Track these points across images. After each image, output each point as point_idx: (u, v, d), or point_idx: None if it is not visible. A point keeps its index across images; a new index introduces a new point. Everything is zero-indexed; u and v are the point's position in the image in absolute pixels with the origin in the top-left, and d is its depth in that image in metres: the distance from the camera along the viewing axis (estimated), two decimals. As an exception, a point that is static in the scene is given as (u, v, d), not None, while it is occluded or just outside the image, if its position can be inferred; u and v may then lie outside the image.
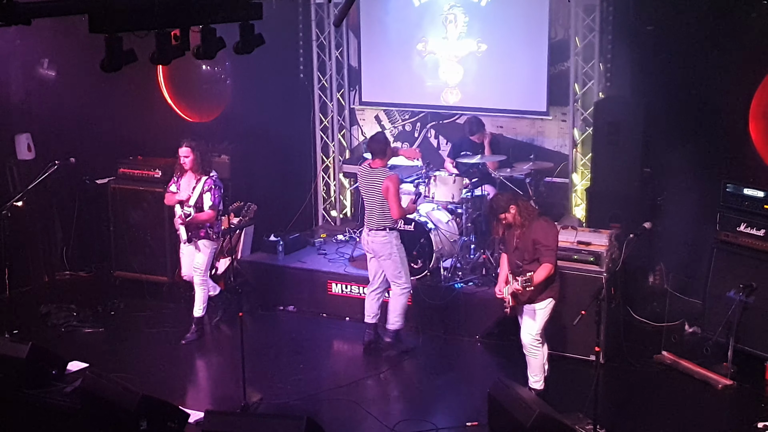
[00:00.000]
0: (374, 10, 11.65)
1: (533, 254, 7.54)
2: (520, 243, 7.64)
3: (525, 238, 7.59)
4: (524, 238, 7.60)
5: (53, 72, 11.13)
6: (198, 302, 9.51)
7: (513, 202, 7.68)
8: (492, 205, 7.84)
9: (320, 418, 7.39)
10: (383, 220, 8.84)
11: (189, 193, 9.25)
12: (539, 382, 7.83)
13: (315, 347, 9.50)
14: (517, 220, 7.61)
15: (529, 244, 7.56)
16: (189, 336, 9.52)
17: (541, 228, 7.61)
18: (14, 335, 9.16)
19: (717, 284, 8.77)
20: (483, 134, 10.66)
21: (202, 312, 9.56)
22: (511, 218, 7.63)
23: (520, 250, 7.65)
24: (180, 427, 7.59)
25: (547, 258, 7.49)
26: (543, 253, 7.51)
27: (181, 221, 9.11)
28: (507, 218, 7.64)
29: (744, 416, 7.73)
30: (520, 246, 7.65)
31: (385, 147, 8.97)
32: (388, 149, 9.04)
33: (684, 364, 8.64)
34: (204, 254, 9.38)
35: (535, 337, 7.72)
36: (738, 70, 9.20)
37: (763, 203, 8.54)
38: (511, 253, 7.75)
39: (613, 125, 9.90)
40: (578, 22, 10.57)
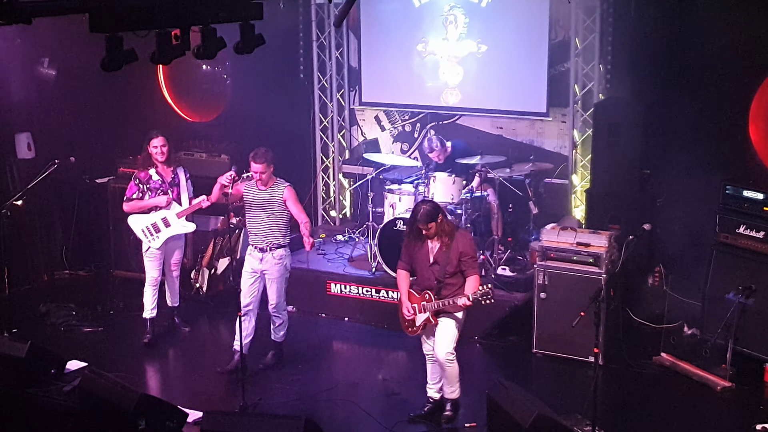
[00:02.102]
0: (374, 11, 11.66)
1: (456, 267, 7.24)
2: (441, 257, 7.28)
3: (449, 251, 7.25)
4: (448, 252, 7.26)
5: (53, 71, 11.14)
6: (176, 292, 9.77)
7: (440, 212, 7.32)
8: (417, 214, 7.28)
9: (318, 418, 7.42)
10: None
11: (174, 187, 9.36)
12: (456, 392, 7.60)
13: (313, 347, 9.50)
14: (444, 230, 7.27)
15: (453, 258, 7.23)
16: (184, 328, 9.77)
17: (465, 239, 7.36)
18: (13, 334, 9.17)
19: (716, 286, 8.77)
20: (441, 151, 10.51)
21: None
22: (435, 228, 7.23)
23: (440, 264, 7.28)
24: (178, 426, 7.59)
25: (475, 269, 7.29)
26: (471, 264, 7.27)
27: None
28: (432, 229, 7.22)
29: (742, 418, 7.73)
30: (440, 260, 7.28)
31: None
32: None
33: (683, 365, 8.65)
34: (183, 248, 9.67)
35: (451, 351, 7.39)
36: (738, 73, 9.21)
37: (762, 205, 8.54)
38: (426, 269, 7.34)
39: (613, 126, 9.90)
40: (578, 24, 10.58)
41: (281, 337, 8.83)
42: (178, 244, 9.54)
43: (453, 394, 7.59)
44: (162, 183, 9.27)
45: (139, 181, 9.28)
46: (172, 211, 9.28)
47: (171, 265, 9.60)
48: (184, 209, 9.29)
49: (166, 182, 9.29)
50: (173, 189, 9.33)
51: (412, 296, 7.40)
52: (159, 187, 9.25)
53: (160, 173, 9.29)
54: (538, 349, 9.00)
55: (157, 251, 9.36)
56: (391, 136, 12.18)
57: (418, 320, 7.37)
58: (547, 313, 8.90)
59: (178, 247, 9.58)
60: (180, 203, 9.30)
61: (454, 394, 7.60)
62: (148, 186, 9.27)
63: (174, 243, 9.49)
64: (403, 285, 7.51)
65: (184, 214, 9.31)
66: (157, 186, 9.25)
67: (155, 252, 9.36)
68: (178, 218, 9.31)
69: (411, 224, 7.37)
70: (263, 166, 8.30)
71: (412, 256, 7.45)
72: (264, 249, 8.44)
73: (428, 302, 7.28)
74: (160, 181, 9.26)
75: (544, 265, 8.93)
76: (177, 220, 9.32)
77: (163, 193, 9.24)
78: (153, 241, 9.30)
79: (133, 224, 9.35)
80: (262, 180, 8.37)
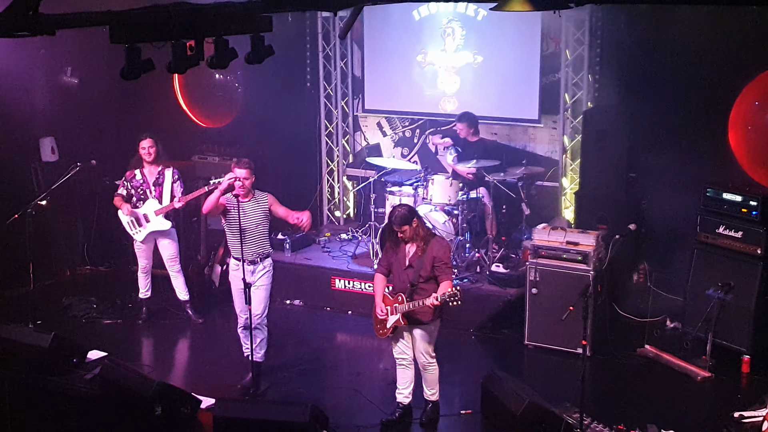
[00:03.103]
0: (377, 24, 11.66)
1: (431, 272, 7.05)
2: (416, 261, 7.10)
3: (423, 256, 7.07)
4: (422, 256, 7.07)
5: (76, 79, 11.16)
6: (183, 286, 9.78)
7: (416, 215, 7.15)
8: (394, 217, 7.09)
9: (324, 405, 7.45)
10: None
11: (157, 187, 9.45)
12: (436, 394, 7.45)
13: (319, 339, 9.52)
14: (419, 234, 7.07)
15: (427, 263, 7.05)
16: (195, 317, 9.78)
17: (440, 245, 7.15)
18: (38, 325, 9.18)
19: (697, 282, 8.78)
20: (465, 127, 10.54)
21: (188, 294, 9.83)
22: (410, 232, 7.05)
23: (414, 268, 7.10)
24: (192, 412, 7.62)
25: (448, 275, 7.08)
26: (444, 270, 7.06)
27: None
28: (407, 232, 7.04)
29: (721, 406, 7.73)
30: (415, 264, 7.10)
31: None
32: None
33: (665, 357, 8.66)
34: (175, 243, 9.68)
35: (431, 355, 7.28)
36: (718, 84, 9.22)
37: (741, 207, 8.54)
38: (402, 272, 7.17)
39: (601, 133, 9.92)
40: (568, 36, 10.58)
41: (262, 357, 8.16)
42: (166, 240, 9.61)
43: (433, 396, 7.47)
44: (144, 182, 9.45)
45: (125, 179, 9.51)
46: (152, 209, 9.42)
47: (167, 262, 9.69)
48: (162, 207, 9.42)
49: (148, 181, 9.45)
50: (156, 188, 9.47)
51: (386, 298, 7.25)
52: (140, 186, 9.45)
53: (143, 173, 9.45)
54: (529, 341, 9.01)
55: (143, 244, 9.54)
56: (392, 141, 12.19)
57: (389, 321, 7.20)
58: (539, 307, 8.91)
59: (167, 243, 9.64)
60: (161, 202, 9.43)
61: (434, 396, 7.47)
62: (132, 184, 9.48)
63: (162, 239, 9.59)
64: (378, 287, 7.33)
65: (161, 212, 9.43)
66: (138, 185, 9.47)
67: (141, 245, 9.56)
68: (156, 215, 9.43)
69: (388, 227, 7.26)
70: (247, 171, 7.88)
71: (390, 259, 7.29)
72: (255, 261, 7.95)
73: (400, 304, 7.11)
74: (142, 180, 9.45)
75: (535, 262, 8.94)
76: (155, 217, 9.44)
77: (143, 192, 9.43)
78: (136, 234, 9.49)
79: (122, 218, 9.53)
80: (245, 186, 7.86)
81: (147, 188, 9.44)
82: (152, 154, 9.39)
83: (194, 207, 10.28)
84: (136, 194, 9.45)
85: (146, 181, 9.45)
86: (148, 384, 7.47)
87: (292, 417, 7.02)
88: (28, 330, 8.84)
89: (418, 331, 7.22)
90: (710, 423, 7.47)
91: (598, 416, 7.39)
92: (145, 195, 9.45)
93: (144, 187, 9.44)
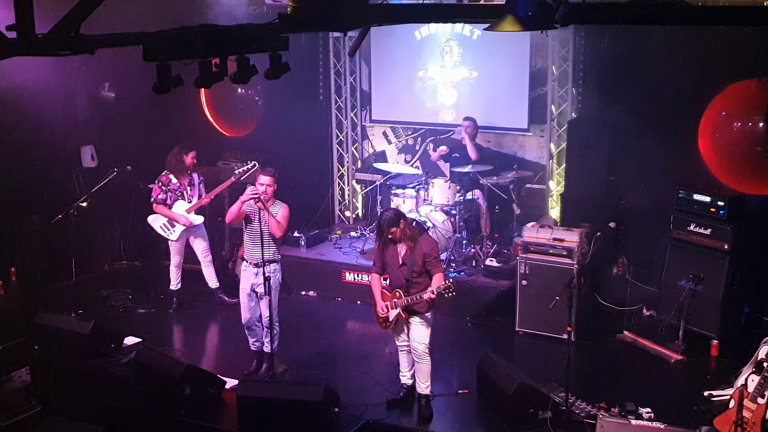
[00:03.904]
0: (383, 42, 11.67)
1: (422, 267, 6.98)
2: (408, 258, 7.01)
3: (414, 254, 6.99)
4: (413, 254, 6.99)
5: (113, 94, 11.18)
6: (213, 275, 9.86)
7: (402, 217, 7.09)
8: (382, 221, 7.04)
9: (335, 385, 7.46)
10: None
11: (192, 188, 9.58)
12: (428, 388, 7.28)
13: (331, 326, 9.52)
14: (406, 234, 6.98)
15: (418, 259, 6.97)
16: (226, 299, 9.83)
17: (429, 242, 7.07)
18: (80, 314, 9.21)
19: (670, 275, 8.78)
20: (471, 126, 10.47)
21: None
22: (399, 233, 6.97)
23: (407, 265, 7.01)
24: (218, 392, 7.62)
25: (439, 268, 7.02)
26: (435, 264, 7.00)
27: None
28: (396, 233, 6.97)
29: (692, 386, 7.71)
30: (407, 261, 7.01)
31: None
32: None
33: (642, 342, 8.65)
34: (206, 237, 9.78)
35: (427, 345, 7.15)
36: (689, 95, 9.19)
37: (709, 207, 8.54)
38: (397, 270, 7.08)
39: (584, 141, 9.92)
40: (555, 53, 10.58)
41: (276, 348, 7.92)
42: (198, 234, 9.70)
43: (426, 389, 7.30)
44: (180, 185, 9.50)
45: (162, 184, 9.50)
46: (182, 209, 9.49)
47: (201, 254, 9.75)
48: (193, 205, 9.52)
49: (183, 184, 9.52)
50: (191, 189, 9.57)
51: (385, 295, 7.18)
52: (177, 189, 9.50)
53: (178, 177, 9.48)
54: (520, 327, 9.00)
55: (177, 242, 9.60)
56: (397, 149, 12.19)
57: (390, 316, 7.14)
58: (528, 297, 8.90)
59: (199, 236, 9.72)
60: (191, 201, 9.54)
61: (427, 390, 7.30)
62: (169, 188, 9.48)
63: (195, 234, 9.66)
64: (376, 286, 7.23)
65: (192, 209, 9.51)
66: (175, 188, 9.50)
67: (175, 243, 9.62)
68: (188, 213, 9.51)
69: (378, 229, 7.16)
70: (271, 179, 7.75)
71: (384, 260, 7.18)
72: (264, 263, 7.70)
73: (398, 299, 7.06)
74: (178, 183, 9.48)
75: (525, 257, 8.93)
76: (188, 214, 9.53)
77: (180, 194, 9.49)
78: (171, 234, 9.55)
79: (153, 222, 9.61)
80: (267, 194, 7.72)
81: (183, 190, 9.51)
82: (196, 162, 9.55)
83: (219, 207, 10.31)
84: (173, 196, 9.47)
85: (182, 184, 9.50)
86: (178, 367, 7.48)
87: (307, 396, 7.02)
88: (71, 318, 8.86)
89: (416, 321, 7.16)
90: (682, 401, 7.45)
91: (582, 395, 7.40)
92: (182, 196, 9.50)
93: (181, 189, 9.50)
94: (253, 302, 7.92)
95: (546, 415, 6.96)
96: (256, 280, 7.80)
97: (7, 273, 10.07)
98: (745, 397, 6.63)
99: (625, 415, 6.91)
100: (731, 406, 6.72)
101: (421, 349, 7.20)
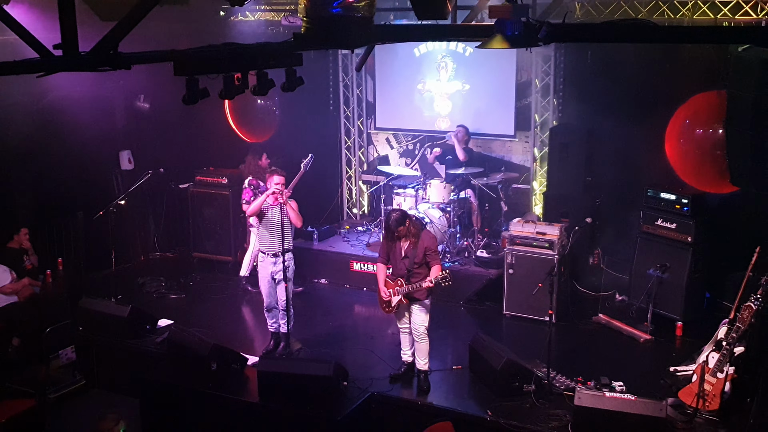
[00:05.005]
0: (386, 59, 11.64)
1: (422, 259, 6.98)
2: (410, 251, 7.02)
3: (416, 247, 6.99)
4: (415, 247, 7.00)
5: (147, 104, 11.18)
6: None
7: (408, 217, 7.13)
8: (391, 221, 7.05)
9: (344, 362, 7.47)
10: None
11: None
12: (426, 364, 7.28)
13: (341, 310, 9.52)
14: (411, 231, 7.01)
15: (420, 252, 6.97)
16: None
17: (429, 237, 7.08)
18: (119, 300, 9.21)
19: (640, 264, 8.76)
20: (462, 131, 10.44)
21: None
22: (405, 231, 7.00)
23: (410, 257, 7.02)
24: (241, 368, 7.64)
25: (437, 260, 7.02)
26: (434, 257, 7.00)
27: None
28: (402, 231, 6.99)
29: (659, 362, 7.72)
30: (409, 254, 7.02)
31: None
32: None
33: (615, 323, 8.64)
34: None
35: (426, 327, 7.17)
36: (656, 105, 9.19)
37: (675, 204, 8.53)
38: (399, 261, 7.06)
39: (563, 145, 9.90)
40: (538, 68, 10.55)
41: (291, 328, 7.94)
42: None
43: (425, 366, 7.29)
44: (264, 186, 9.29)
45: (253, 187, 9.46)
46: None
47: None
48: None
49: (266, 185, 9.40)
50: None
51: (388, 283, 7.17)
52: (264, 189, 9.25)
53: (260, 179, 9.38)
54: (507, 311, 9.00)
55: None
56: (398, 153, 12.17)
57: (393, 301, 7.12)
58: (514, 284, 8.90)
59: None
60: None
61: (425, 366, 7.29)
62: (259, 189, 9.32)
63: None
64: (380, 275, 7.22)
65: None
66: (263, 189, 9.10)
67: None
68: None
69: (386, 228, 7.16)
70: (283, 178, 7.81)
71: (389, 252, 7.16)
72: (281, 253, 7.73)
73: (401, 287, 7.06)
74: (263, 184, 9.25)
75: (512, 249, 8.93)
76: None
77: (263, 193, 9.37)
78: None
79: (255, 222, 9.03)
80: (284, 191, 7.73)
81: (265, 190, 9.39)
82: (269, 161, 9.67)
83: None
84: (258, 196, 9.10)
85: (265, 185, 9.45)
86: (205, 345, 7.49)
87: (319, 371, 7.03)
88: (111, 303, 8.88)
89: (416, 306, 7.16)
90: (651, 375, 7.45)
91: (562, 370, 7.41)
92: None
93: (264, 189, 9.36)
94: (273, 288, 7.92)
95: (530, 388, 6.96)
96: (274, 269, 7.81)
97: (55, 263, 10.09)
98: (707, 372, 6.64)
99: (600, 388, 6.90)
100: (694, 380, 6.73)
101: (420, 330, 7.20)
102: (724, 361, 6.60)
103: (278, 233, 7.70)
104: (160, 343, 8.25)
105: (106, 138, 10.72)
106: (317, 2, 5.36)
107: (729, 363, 6.58)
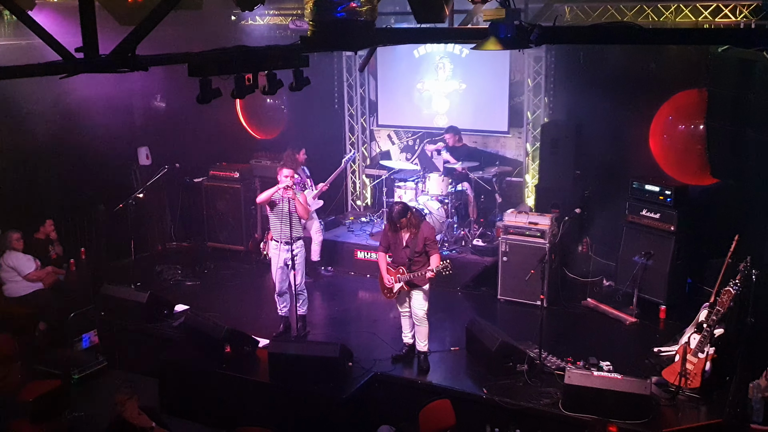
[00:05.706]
0: (387, 60, 11.61)
1: (422, 249, 6.99)
2: (411, 241, 7.02)
3: (416, 238, 6.99)
4: (415, 237, 7.00)
5: (163, 103, 11.16)
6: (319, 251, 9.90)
7: (409, 209, 7.10)
8: (393, 213, 7.04)
9: (349, 344, 7.49)
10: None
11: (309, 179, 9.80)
12: (426, 346, 7.31)
13: (346, 296, 9.53)
14: (412, 222, 7.01)
15: (420, 242, 6.98)
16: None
17: (429, 228, 7.10)
18: (138, 286, 9.23)
19: (626, 251, 8.77)
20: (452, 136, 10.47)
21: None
22: (406, 222, 7.00)
23: (410, 247, 7.02)
24: (253, 350, 7.66)
25: (436, 250, 7.04)
26: (432, 246, 7.01)
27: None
28: (403, 222, 6.98)
29: (644, 344, 7.74)
30: (410, 244, 7.02)
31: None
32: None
33: (603, 307, 8.65)
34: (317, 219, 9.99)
35: (426, 311, 7.19)
36: (643, 102, 9.17)
37: (658, 195, 8.53)
38: (401, 251, 7.06)
39: (554, 141, 9.87)
40: (529, 69, 10.53)
41: (305, 311, 8.09)
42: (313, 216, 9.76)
43: (424, 347, 7.32)
44: (301, 179, 9.47)
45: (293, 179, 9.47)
46: (309, 196, 9.57)
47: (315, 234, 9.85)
48: (315, 192, 9.77)
49: (303, 177, 9.65)
50: (310, 180, 9.81)
51: (390, 271, 7.16)
52: (300, 182, 9.37)
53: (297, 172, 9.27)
54: (501, 296, 9.01)
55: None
56: (399, 149, 12.15)
57: (395, 288, 7.13)
58: (508, 271, 8.90)
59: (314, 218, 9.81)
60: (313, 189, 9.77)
61: (425, 347, 7.32)
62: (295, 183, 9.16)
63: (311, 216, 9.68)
64: (382, 263, 7.21)
65: (316, 195, 9.81)
66: (299, 181, 9.20)
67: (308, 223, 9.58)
68: (314, 200, 9.75)
69: (389, 219, 7.17)
70: (292, 171, 7.91)
71: (390, 242, 7.16)
72: (293, 241, 7.78)
73: (402, 275, 7.06)
74: (299, 178, 9.25)
75: (506, 237, 8.92)
76: (313, 201, 9.74)
77: (303, 185, 9.52)
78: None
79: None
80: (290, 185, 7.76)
81: (304, 181, 9.58)
82: (306, 157, 9.69)
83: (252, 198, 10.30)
84: (298, 189, 8.91)
85: (302, 178, 9.56)
86: (219, 329, 7.51)
87: (326, 353, 7.06)
88: (130, 289, 8.91)
89: (416, 292, 7.17)
90: (636, 356, 7.47)
91: (553, 351, 7.42)
92: (305, 186, 9.57)
93: (302, 181, 9.53)
94: (285, 275, 7.94)
95: (523, 367, 6.99)
96: (287, 255, 7.83)
97: (78, 253, 10.09)
98: (688, 352, 6.65)
99: (588, 368, 6.93)
100: (676, 360, 6.74)
101: (420, 315, 7.22)
102: (704, 342, 6.61)
103: (287, 222, 7.74)
104: (177, 327, 8.27)
105: (125, 135, 10.70)
106: (323, 7, 5.36)
107: (709, 344, 6.59)
